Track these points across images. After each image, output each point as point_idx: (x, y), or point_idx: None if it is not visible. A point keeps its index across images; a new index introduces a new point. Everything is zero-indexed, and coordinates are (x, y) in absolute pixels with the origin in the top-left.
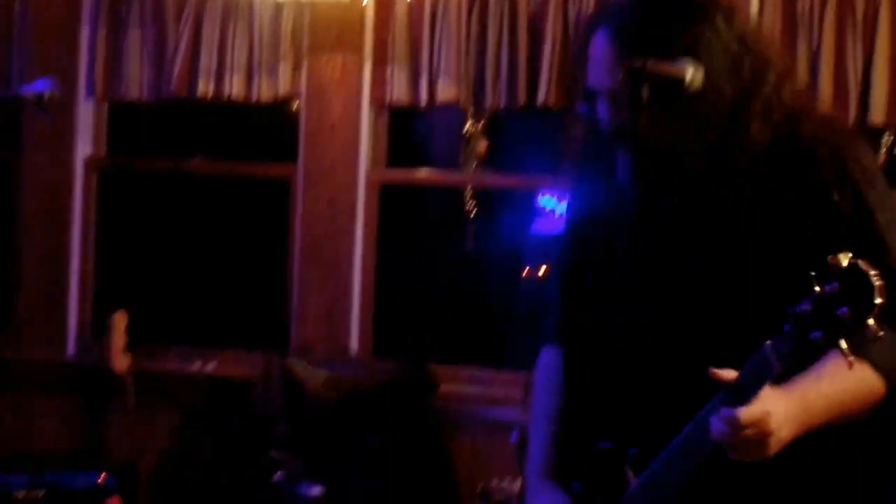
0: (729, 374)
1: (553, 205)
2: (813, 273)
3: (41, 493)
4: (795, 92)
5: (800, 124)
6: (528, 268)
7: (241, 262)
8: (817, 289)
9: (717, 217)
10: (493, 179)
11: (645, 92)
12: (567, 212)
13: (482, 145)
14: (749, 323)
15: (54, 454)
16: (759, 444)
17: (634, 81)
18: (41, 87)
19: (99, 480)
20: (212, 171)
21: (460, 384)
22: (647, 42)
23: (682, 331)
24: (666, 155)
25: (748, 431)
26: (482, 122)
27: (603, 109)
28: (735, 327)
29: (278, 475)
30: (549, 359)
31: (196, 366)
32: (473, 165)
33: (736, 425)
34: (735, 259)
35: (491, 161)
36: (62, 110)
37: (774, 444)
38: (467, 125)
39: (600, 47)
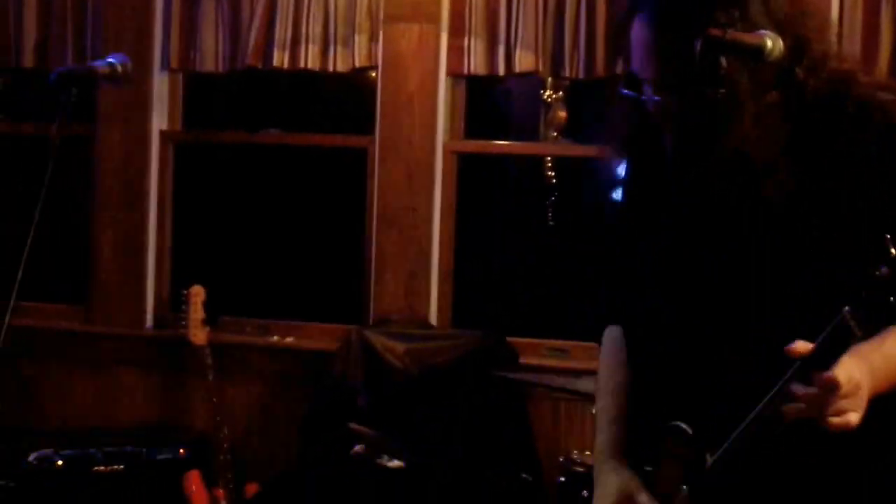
0: (804, 346)
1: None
2: (889, 236)
3: (121, 466)
4: (843, 56)
5: (850, 88)
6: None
7: (319, 233)
8: (894, 251)
9: (772, 189)
10: (572, 149)
11: (723, 62)
12: (621, 192)
13: (561, 114)
14: (812, 294)
15: (134, 428)
16: (854, 406)
17: (712, 52)
18: (115, 60)
19: (178, 453)
20: (288, 143)
21: (539, 356)
22: (717, 11)
23: (747, 306)
24: (716, 127)
25: (845, 390)
26: (561, 91)
27: (652, 89)
28: (799, 299)
29: (357, 448)
30: (613, 337)
31: (274, 338)
32: (553, 134)
33: (832, 387)
34: (793, 229)
35: (570, 130)
36: (137, 84)
37: (863, 408)
38: (547, 92)
39: (654, 27)
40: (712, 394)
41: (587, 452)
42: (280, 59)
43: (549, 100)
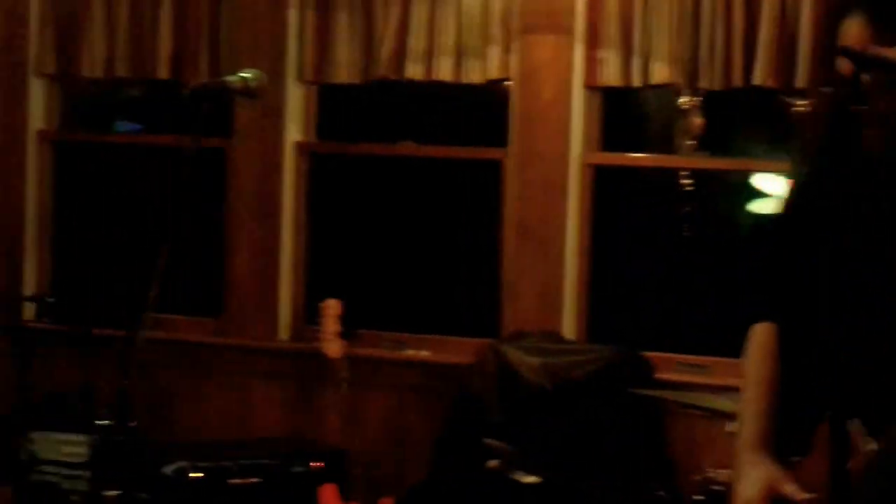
0: None
1: (772, 186)
2: None
3: (257, 479)
4: None
5: None
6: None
7: (453, 246)
8: None
9: None
10: (711, 163)
11: None
12: (795, 190)
13: (697, 121)
14: None
15: (269, 440)
16: None
17: None
18: (249, 75)
19: (313, 466)
20: (421, 155)
21: (676, 371)
22: None
23: None
24: None
25: None
26: (697, 99)
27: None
28: None
29: (492, 463)
30: (763, 333)
31: (408, 351)
32: (688, 143)
33: None
34: None
35: (706, 141)
36: (271, 96)
37: None
38: (683, 99)
39: (872, 26)
40: (879, 387)
41: (725, 471)
42: (413, 70)
43: (685, 106)
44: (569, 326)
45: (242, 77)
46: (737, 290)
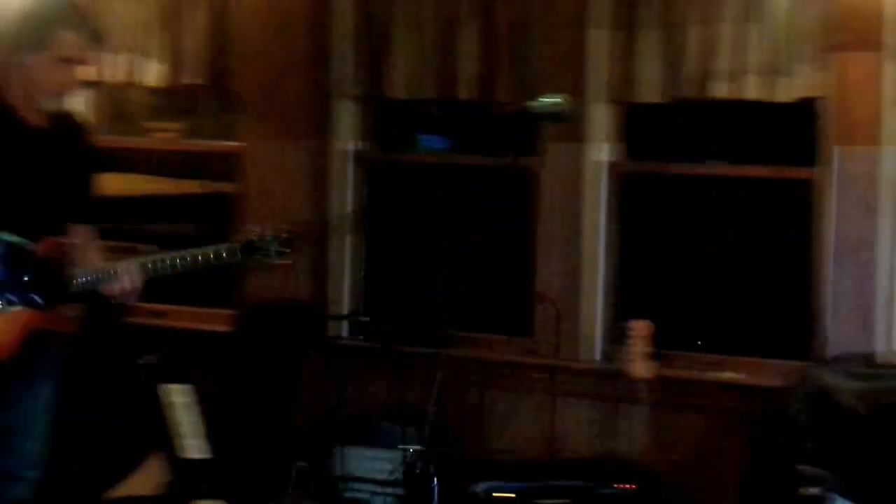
0: None
1: None
2: None
3: (568, 500)
4: None
5: None
6: None
7: (761, 267)
8: None
9: None
10: None
11: None
12: None
13: None
14: None
15: (578, 461)
16: None
17: None
18: (555, 99)
19: (623, 488)
20: (727, 174)
21: None
22: None
23: None
24: None
25: None
26: None
27: None
28: None
29: (809, 490)
30: None
31: (719, 374)
32: None
33: None
34: None
35: None
36: (576, 116)
37: None
38: None
39: None
40: None
41: None
42: (719, 88)
43: None
44: (883, 349)
45: (549, 102)
46: None
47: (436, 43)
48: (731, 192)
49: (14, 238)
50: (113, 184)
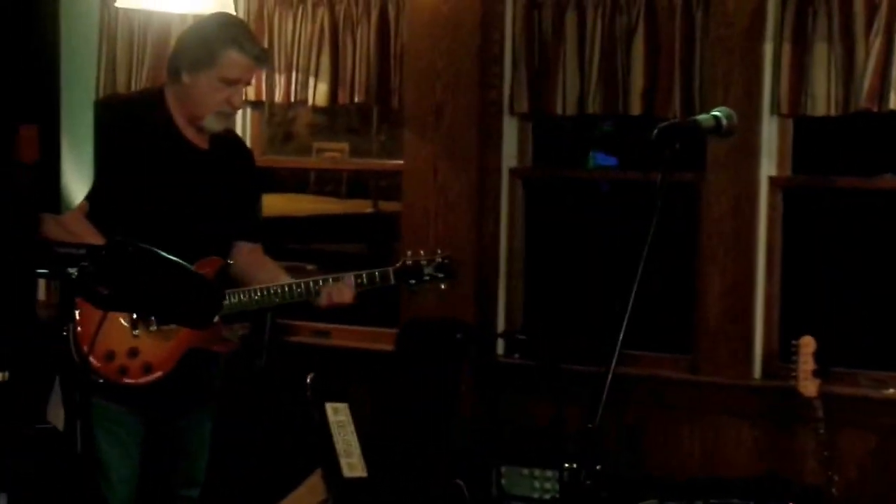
0: None
1: None
2: None
3: None
4: None
5: None
6: None
7: None
8: None
9: None
10: None
11: None
12: None
13: None
14: None
15: (742, 479)
16: None
17: None
18: (720, 114)
19: None
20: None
21: None
22: None
23: None
24: None
25: None
26: None
27: None
28: None
29: None
30: None
31: (889, 391)
32: None
33: None
34: None
35: None
36: (745, 130)
37: None
38: None
39: None
40: None
41: None
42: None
43: None
44: None
45: (713, 116)
46: None
47: (603, 58)
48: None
49: (171, 257)
50: (279, 203)
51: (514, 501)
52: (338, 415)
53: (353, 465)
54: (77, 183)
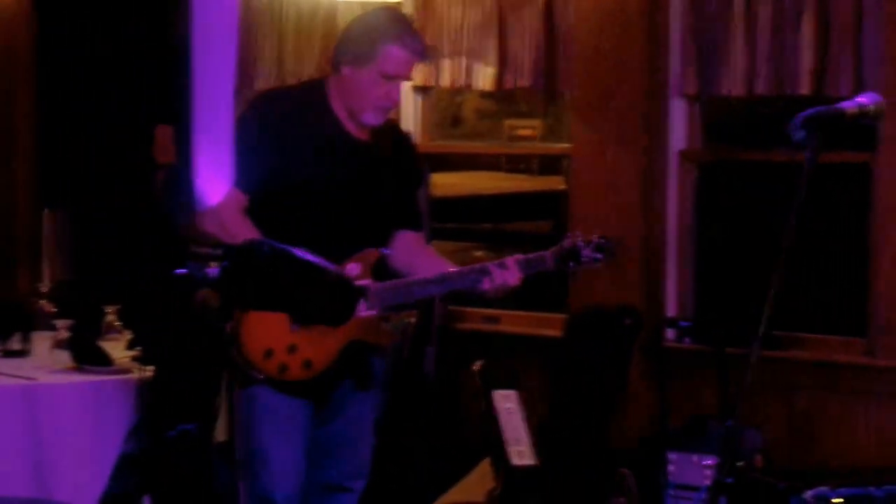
0: None
1: None
2: None
3: None
4: None
5: None
6: None
7: None
8: None
9: None
10: None
11: None
12: None
13: None
14: None
15: None
16: None
17: None
18: (866, 101)
19: None
20: None
21: None
22: None
23: None
24: None
25: None
26: None
27: None
28: None
29: None
30: None
31: None
32: None
33: None
34: None
35: None
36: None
37: None
38: None
39: None
40: None
41: None
42: None
43: None
44: None
45: (859, 104)
46: None
47: (772, 38)
48: None
49: (307, 257)
50: (471, 182)
51: (684, 489)
52: (507, 402)
53: (522, 452)
54: (211, 182)
